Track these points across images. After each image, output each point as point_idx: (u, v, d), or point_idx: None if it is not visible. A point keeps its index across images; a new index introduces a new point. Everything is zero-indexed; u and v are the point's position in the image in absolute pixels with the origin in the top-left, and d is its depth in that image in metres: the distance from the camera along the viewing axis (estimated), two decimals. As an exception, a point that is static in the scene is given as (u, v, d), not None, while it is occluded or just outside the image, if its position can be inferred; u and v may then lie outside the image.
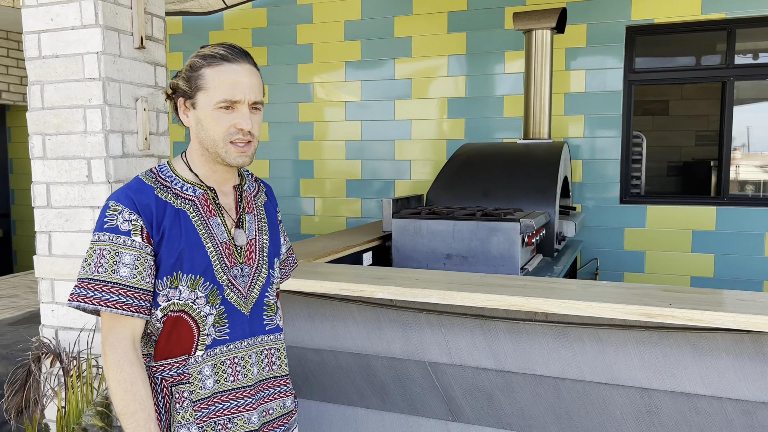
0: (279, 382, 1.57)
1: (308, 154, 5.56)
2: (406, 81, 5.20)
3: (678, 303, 1.92)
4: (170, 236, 1.38)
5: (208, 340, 1.42)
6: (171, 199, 1.42)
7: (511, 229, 3.25)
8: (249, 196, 1.56)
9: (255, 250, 1.52)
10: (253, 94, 1.41)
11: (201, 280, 1.40)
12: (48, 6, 2.19)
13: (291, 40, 5.51)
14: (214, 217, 1.46)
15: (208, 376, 1.42)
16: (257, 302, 1.51)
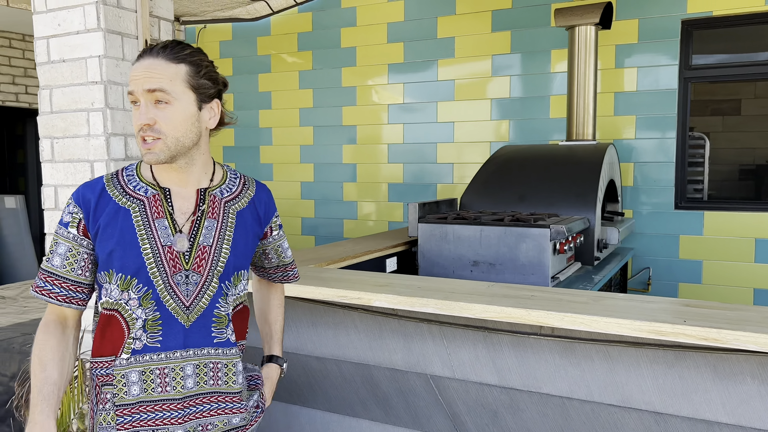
0: (224, 398, 1.48)
1: (351, 157, 5.52)
2: (449, 82, 5.08)
3: (695, 320, 1.73)
4: (104, 233, 1.38)
5: (137, 344, 1.39)
6: (117, 197, 1.41)
7: (540, 236, 3.08)
8: (217, 201, 1.48)
9: (207, 258, 1.44)
10: (147, 82, 1.35)
11: (134, 281, 1.38)
12: (56, 12, 2.24)
13: (335, 44, 5.49)
14: (160, 219, 1.42)
15: (134, 382, 1.39)
16: (204, 313, 1.44)
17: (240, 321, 1.56)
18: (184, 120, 1.40)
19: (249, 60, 5.89)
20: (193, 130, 1.42)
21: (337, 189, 5.60)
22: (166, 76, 1.37)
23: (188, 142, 1.42)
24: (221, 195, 1.50)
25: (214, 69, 1.47)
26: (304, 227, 5.78)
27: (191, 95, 1.41)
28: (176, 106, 1.38)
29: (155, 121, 1.37)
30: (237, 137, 6.03)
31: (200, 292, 1.43)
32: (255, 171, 5.95)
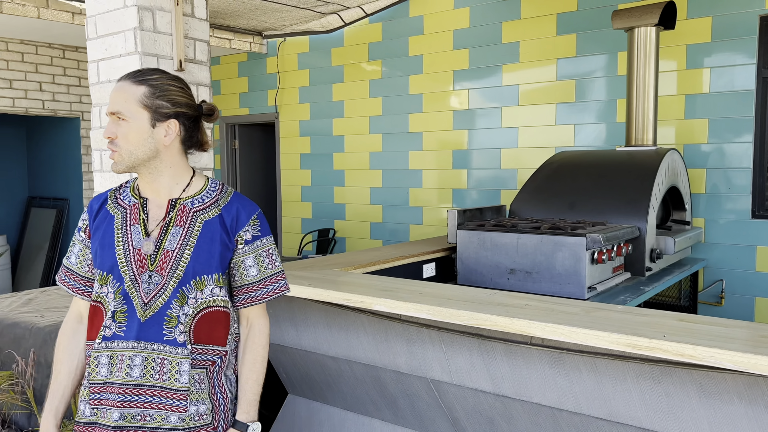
0: (166, 394, 1.56)
1: (417, 163, 5.60)
2: (514, 87, 5.03)
3: (677, 335, 1.67)
4: (95, 235, 1.64)
5: (107, 332, 1.58)
6: (110, 206, 1.66)
7: (576, 244, 3.02)
8: (186, 210, 1.62)
9: (169, 262, 1.58)
10: (112, 105, 1.57)
11: (110, 277, 1.59)
12: (104, 38, 2.51)
13: (403, 53, 5.60)
14: (135, 224, 1.61)
15: (104, 364, 1.57)
16: (158, 312, 1.57)
17: (208, 325, 1.62)
18: (136, 135, 1.56)
19: (324, 70, 6.14)
20: (147, 145, 1.57)
21: (404, 194, 5.71)
22: (122, 98, 1.56)
23: (141, 155, 1.58)
24: (191, 205, 1.63)
25: (177, 93, 1.60)
26: (372, 232, 5.93)
27: (145, 114, 1.56)
28: (130, 123, 1.55)
29: (115, 135, 1.57)
30: (313, 145, 6.29)
31: (158, 292, 1.57)
32: (328, 177, 6.19)
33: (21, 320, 3.76)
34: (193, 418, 1.58)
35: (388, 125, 5.75)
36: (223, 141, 7.00)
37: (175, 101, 1.58)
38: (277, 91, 6.49)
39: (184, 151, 1.66)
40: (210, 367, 1.63)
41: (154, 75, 1.58)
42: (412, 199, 5.67)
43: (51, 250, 6.75)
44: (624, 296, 3.08)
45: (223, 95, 7.01)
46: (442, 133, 5.45)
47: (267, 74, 6.59)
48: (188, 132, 1.64)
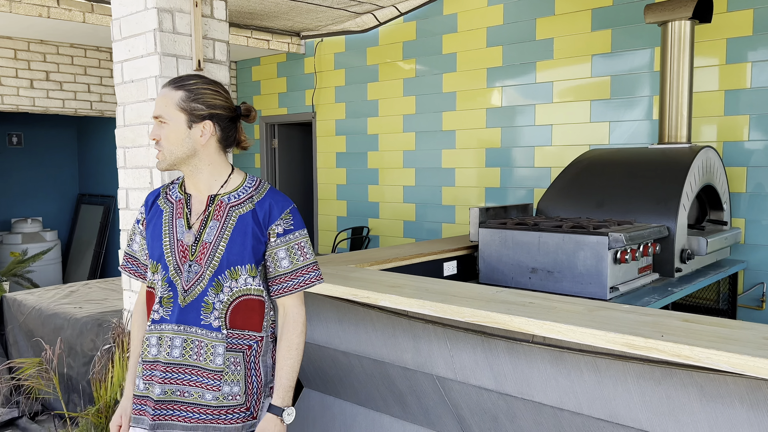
0: (202, 374, 1.70)
1: (450, 162, 5.58)
2: (548, 84, 4.96)
3: (676, 335, 1.63)
4: (148, 227, 1.80)
5: (156, 315, 1.73)
6: (161, 201, 1.82)
7: (598, 244, 2.96)
8: (223, 205, 1.75)
9: (206, 253, 1.71)
10: (156, 110, 1.72)
11: (159, 266, 1.74)
12: (127, 39, 2.61)
13: (437, 51, 5.59)
14: (180, 218, 1.76)
15: (153, 344, 1.73)
16: (197, 298, 1.71)
17: (243, 312, 1.74)
18: (175, 136, 1.72)
19: (359, 70, 6.18)
20: (185, 144, 1.72)
21: (437, 193, 5.69)
22: (163, 103, 1.72)
23: (181, 154, 1.73)
24: (228, 200, 1.76)
25: (212, 96, 1.74)
26: (406, 230, 5.94)
27: (182, 116, 1.71)
28: (170, 125, 1.72)
29: (159, 137, 1.73)
30: (348, 144, 6.35)
31: (197, 280, 1.71)
32: (363, 176, 6.23)
33: (61, 311, 3.94)
34: (226, 397, 1.71)
35: (421, 124, 5.75)
36: (263, 140, 7.13)
37: (210, 103, 1.71)
38: (314, 91, 6.57)
39: (221, 149, 1.78)
40: (246, 351, 1.75)
41: (192, 80, 1.72)
42: (445, 198, 5.65)
43: (98, 245, 7.02)
44: (649, 297, 3.00)
45: (263, 95, 7.15)
46: (475, 131, 5.41)
47: (305, 74, 6.68)
48: (224, 132, 1.76)
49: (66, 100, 6.11)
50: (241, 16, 5.80)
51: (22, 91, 5.90)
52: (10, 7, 4.70)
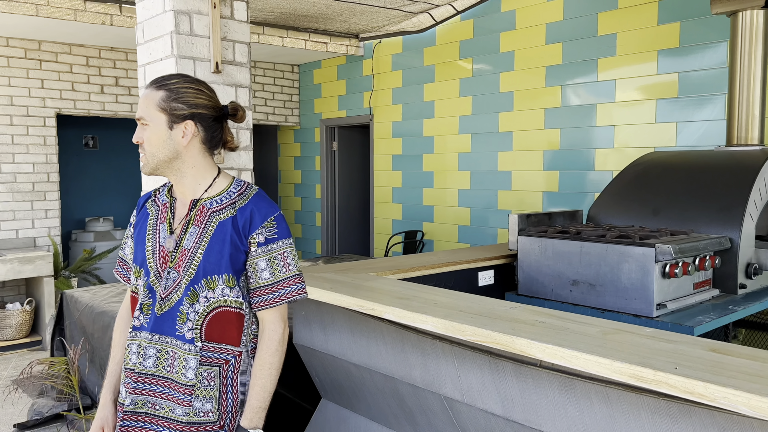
0: (173, 386, 1.62)
1: (506, 165, 5.35)
2: (610, 83, 4.65)
3: (693, 368, 1.41)
4: (135, 231, 1.76)
5: (136, 322, 1.67)
6: (149, 204, 1.76)
7: (643, 256, 2.71)
8: (204, 211, 1.67)
9: (185, 260, 1.64)
10: (138, 111, 1.66)
11: (141, 271, 1.68)
12: (149, 43, 2.62)
13: (494, 49, 5.38)
14: (163, 222, 1.70)
15: (133, 352, 1.66)
16: (173, 307, 1.63)
17: (220, 324, 1.64)
18: (156, 138, 1.64)
19: (416, 71, 6.06)
20: (166, 146, 1.64)
21: (492, 197, 5.48)
22: (144, 104, 1.65)
23: (163, 156, 1.65)
24: (210, 205, 1.67)
25: (193, 95, 1.65)
26: (460, 235, 5.75)
27: (162, 116, 1.64)
28: (151, 126, 1.65)
29: (141, 139, 1.66)
30: (404, 146, 6.23)
31: (174, 288, 1.63)
32: (418, 179, 6.10)
33: (109, 309, 4.04)
34: (197, 414, 1.62)
35: (477, 125, 5.55)
36: (323, 143, 7.14)
37: (191, 103, 1.63)
38: (372, 93, 6.51)
39: (206, 151, 1.70)
40: (223, 365, 1.65)
41: (173, 80, 1.65)
42: (500, 202, 5.43)
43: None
44: (703, 316, 2.71)
45: (324, 98, 7.15)
46: (533, 132, 5.16)
47: (363, 76, 6.63)
48: (208, 132, 1.67)
49: (133, 105, 6.33)
50: (297, 20, 5.81)
51: (93, 96, 6.17)
52: (75, 16, 4.91)
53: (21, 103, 5.80)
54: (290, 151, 7.75)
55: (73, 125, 6.87)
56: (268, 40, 6.05)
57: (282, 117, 7.44)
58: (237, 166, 2.69)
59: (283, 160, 7.91)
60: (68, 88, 6.03)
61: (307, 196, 7.50)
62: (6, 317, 5.42)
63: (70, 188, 6.95)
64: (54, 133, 5.99)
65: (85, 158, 7.14)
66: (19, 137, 5.82)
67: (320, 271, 2.78)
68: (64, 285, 5.43)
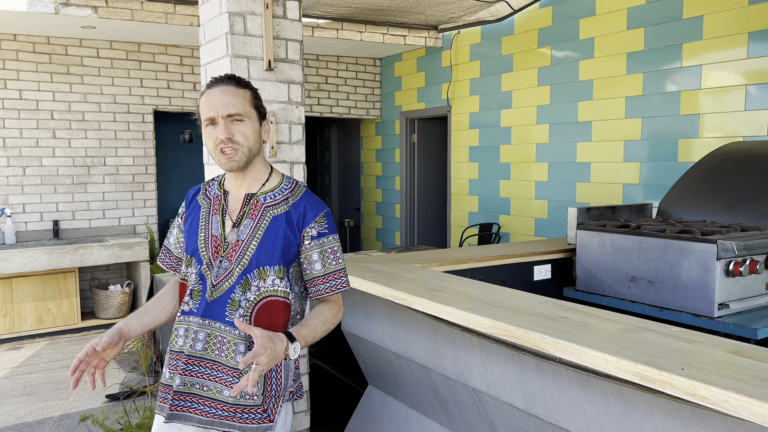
0: (221, 369, 1.69)
1: (585, 156, 5.17)
2: (695, 69, 4.38)
3: (702, 369, 1.35)
4: (186, 222, 1.83)
5: (186, 306, 1.74)
6: (200, 197, 1.85)
7: (704, 252, 2.57)
8: (259, 205, 1.76)
9: (238, 250, 1.71)
10: (225, 109, 1.68)
11: (193, 260, 1.76)
12: (209, 43, 2.78)
13: (573, 36, 5.21)
14: (216, 215, 1.78)
15: (180, 335, 1.75)
16: (224, 294, 1.71)
17: (269, 313, 1.72)
18: (253, 133, 1.74)
19: (494, 60, 5.97)
20: (259, 142, 1.77)
21: (570, 189, 5.31)
22: (237, 101, 1.70)
23: (256, 151, 1.77)
24: (264, 200, 1.76)
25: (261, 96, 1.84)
26: (537, 228, 5.63)
27: (255, 113, 1.76)
28: (247, 122, 1.72)
29: (233, 134, 1.70)
30: (481, 137, 6.17)
31: (225, 276, 1.71)
32: (495, 170, 6.02)
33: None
34: (243, 396, 1.70)
35: (555, 115, 5.40)
36: (403, 135, 7.20)
37: (263, 103, 1.80)
38: (450, 84, 6.48)
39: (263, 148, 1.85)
40: None
41: (245, 81, 1.77)
42: (579, 195, 5.26)
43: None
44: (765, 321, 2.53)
45: (404, 90, 7.21)
46: (613, 122, 4.95)
47: (442, 68, 6.61)
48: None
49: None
50: (374, 14, 5.89)
51: (187, 93, 6.57)
52: (166, 19, 5.25)
53: (123, 101, 6.28)
54: (372, 143, 7.87)
55: (172, 121, 7.34)
56: (346, 35, 6.18)
57: (364, 110, 7.57)
58: (289, 159, 2.80)
59: (365, 152, 8.05)
60: (164, 86, 6.45)
61: (388, 188, 7.60)
62: (108, 297, 5.92)
63: (168, 180, 7.45)
64: (151, 129, 6.44)
65: (182, 152, 7.62)
66: (121, 132, 6.31)
67: (370, 261, 2.85)
68: (158, 269, 5.84)
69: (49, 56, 5.95)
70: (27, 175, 5.95)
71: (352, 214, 8.59)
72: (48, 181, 6.04)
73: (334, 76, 7.37)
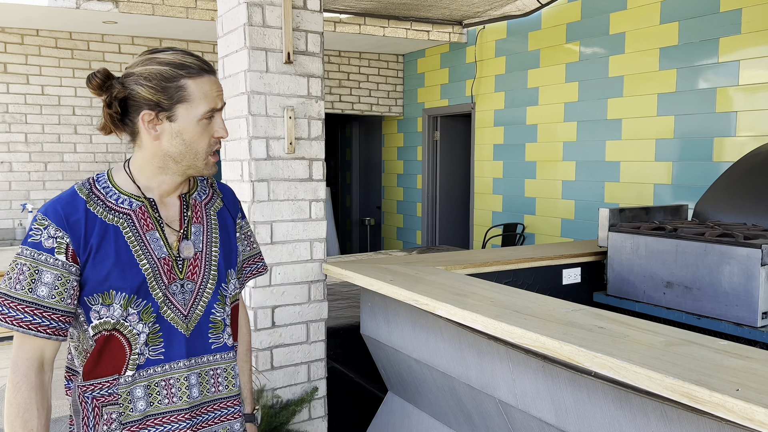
0: (225, 404, 1.46)
1: (615, 154, 5.00)
2: (732, 64, 4.19)
3: (759, 390, 1.21)
4: (99, 254, 1.30)
5: (141, 359, 1.34)
6: (103, 214, 1.32)
7: (747, 257, 2.41)
8: (198, 205, 1.46)
9: (200, 265, 1.42)
10: (222, 98, 1.40)
11: (134, 297, 1.32)
12: (227, 36, 2.69)
13: (603, 32, 5.04)
14: (151, 231, 1.36)
15: (140, 397, 1.34)
16: (201, 320, 1.41)
17: (234, 321, 1.53)
18: None
19: (520, 56, 5.82)
20: None
21: (598, 189, 5.15)
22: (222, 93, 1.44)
23: None
24: (200, 198, 1.48)
25: None
26: (563, 229, 5.47)
27: None
28: None
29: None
30: (506, 135, 6.02)
31: (195, 299, 1.40)
32: (520, 169, 5.87)
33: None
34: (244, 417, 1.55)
35: (584, 112, 5.24)
36: (425, 133, 7.08)
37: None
38: (474, 81, 6.34)
39: None
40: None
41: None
42: (607, 195, 5.09)
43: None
44: (821, 329, 2.36)
45: (427, 87, 7.08)
46: (644, 119, 4.78)
47: (466, 64, 6.47)
48: None
49: (244, 97, 6.59)
50: (397, 8, 5.77)
51: (208, 90, 6.51)
52: (187, 14, 5.19)
53: (144, 97, 6.24)
54: (394, 141, 7.76)
55: (192, 117, 7.30)
56: (369, 30, 6.07)
57: (386, 107, 7.46)
58: (308, 156, 2.70)
59: (386, 150, 7.94)
60: (185, 83, 6.40)
61: (409, 186, 7.48)
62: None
63: (188, 176, 7.41)
64: (172, 125, 6.39)
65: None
66: (141, 129, 6.28)
67: (390, 262, 2.74)
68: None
69: (71, 51, 5.93)
70: (48, 170, 5.95)
71: (372, 213, 8.49)
72: (69, 177, 6.02)
73: (356, 72, 7.26)
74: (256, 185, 2.58)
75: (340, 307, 3.51)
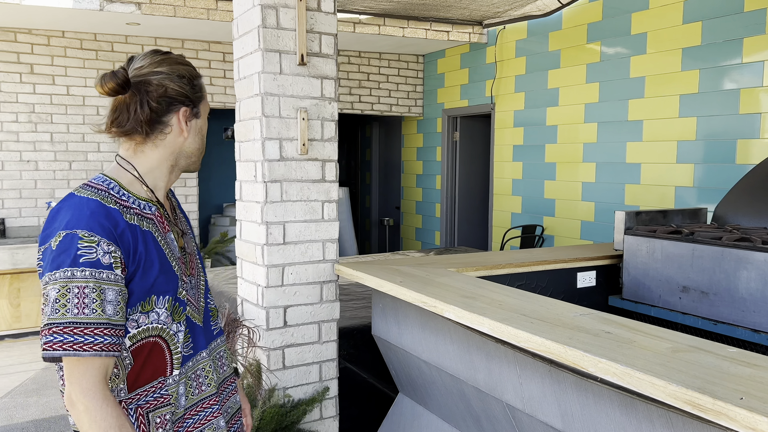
0: (231, 380, 1.58)
1: (635, 156, 4.94)
2: (757, 65, 4.11)
3: (764, 400, 1.19)
4: (146, 263, 1.30)
5: (180, 357, 1.37)
6: (139, 222, 1.32)
7: (765, 262, 2.37)
8: (173, 204, 1.52)
9: (193, 259, 1.48)
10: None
11: (170, 300, 1.35)
12: (242, 38, 2.72)
13: (625, 32, 4.97)
14: (169, 233, 1.40)
15: (182, 394, 1.38)
16: (204, 310, 1.50)
17: None
18: None
19: (540, 56, 5.77)
20: None
21: (619, 191, 5.08)
22: None
23: None
24: (171, 196, 1.53)
25: None
26: (583, 231, 5.41)
27: None
28: None
29: None
30: (526, 136, 5.98)
31: (198, 292, 1.48)
32: (539, 170, 5.82)
33: (226, 290, 4.30)
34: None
35: (604, 113, 5.18)
36: (445, 133, 7.06)
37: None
38: (494, 81, 6.31)
39: None
40: None
41: None
42: (628, 197, 5.02)
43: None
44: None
45: (446, 88, 7.06)
46: (666, 121, 4.71)
47: (486, 64, 6.44)
48: None
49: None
50: (417, 9, 5.77)
51: (229, 90, 6.58)
52: (208, 15, 5.25)
53: (166, 98, 6.32)
54: (413, 141, 7.75)
55: (215, 118, 7.38)
56: (388, 31, 6.07)
57: (405, 108, 7.46)
58: (321, 157, 2.71)
59: (406, 150, 7.93)
60: (207, 83, 6.46)
61: (428, 187, 7.46)
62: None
63: (210, 176, 7.49)
64: (194, 125, 6.47)
65: (225, 148, 7.65)
66: (164, 129, 6.36)
67: (404, 263, 2.74)
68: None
69: (96, 53, 6.04)
70: (73, 169, 6.06)
71: (391, 213, 8.49)
72: (93, 175, 6.13)
73: (376, 73, 7.27)
74: (269, 186, 2.60)
75: (354, 307, 3.52)
